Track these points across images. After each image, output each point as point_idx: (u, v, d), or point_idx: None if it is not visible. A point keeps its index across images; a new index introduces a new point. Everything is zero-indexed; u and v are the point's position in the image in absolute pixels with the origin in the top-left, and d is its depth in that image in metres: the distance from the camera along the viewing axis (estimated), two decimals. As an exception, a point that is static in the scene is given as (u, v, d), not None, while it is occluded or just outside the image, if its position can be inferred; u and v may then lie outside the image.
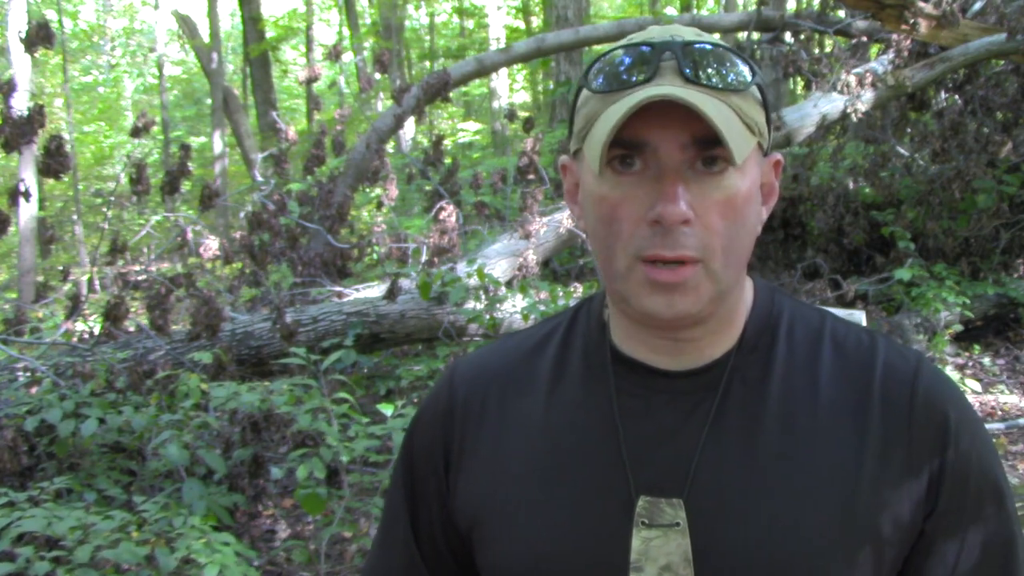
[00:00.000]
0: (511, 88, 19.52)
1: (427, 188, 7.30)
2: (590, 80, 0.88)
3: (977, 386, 5.63)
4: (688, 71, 0.84)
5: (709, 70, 0.84)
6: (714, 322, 0.92)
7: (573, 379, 0.97)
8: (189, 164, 5.06)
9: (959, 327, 6.06)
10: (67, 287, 5.71)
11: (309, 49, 17.70)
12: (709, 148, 0.83)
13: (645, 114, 0.81)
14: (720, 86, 0.84)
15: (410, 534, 1.03)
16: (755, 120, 0.86)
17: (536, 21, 18.05)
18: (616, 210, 0.86)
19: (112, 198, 6.47)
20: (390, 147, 7.99)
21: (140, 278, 5.04)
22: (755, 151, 0.87)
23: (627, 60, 0.86)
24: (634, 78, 0.85)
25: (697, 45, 0.86)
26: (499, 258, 5.78)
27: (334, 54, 7.20)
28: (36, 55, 4.76)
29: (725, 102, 0.84)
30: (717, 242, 0.84)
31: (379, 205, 6.88)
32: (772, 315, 0.96)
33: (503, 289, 5.15)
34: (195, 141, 17.85)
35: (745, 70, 0.86)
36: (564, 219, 5.81)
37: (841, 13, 7.18)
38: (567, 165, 0.98)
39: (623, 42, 0.89)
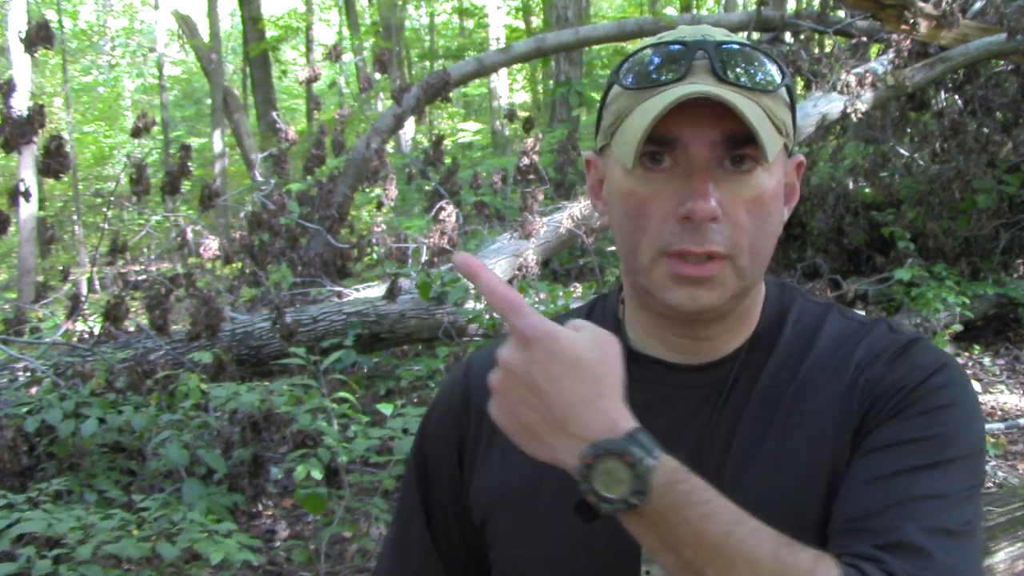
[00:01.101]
0: (511, 88, 19.51)
1: (427, 188, 7.30)
2: (621, 77, 0.90)
3: (977, 386, 5.63)
4: (720, 71, 0.85)
5: (739, 70, 0.86)
6: (732, 319, 0.94)
7: None
8: (189, 164, 5.06)
9: (959, 327, 6.05)
10: (67, 287, 5.71)
11: (309, 49, 17.69)
12: (738, 147, 0.84)
13: (677, 112, 0.83)
14: (750, 86, 0.85)
15: (426, 531, 1.04)
16: (783, 121, 0.88)
17: (536, 21, 18.04)
18: (644, 205, 0.87)
19: (112, 198, 6.46)
20: (390, 147, 7.99)
21: (140, 278, 5.04)
22: (781, 151, 0.88)
23: (656, 59, 0.88)
24: (664, 76, 0.86)
25: (728, 45, 0.87)
26: (499, 258, 5.77)
27: (334, 54, 7.21)
28: (36, 55, 4.76)
29: (756, 102, 0.85)
30: (744, 239, 0.86)
31: (379, 205, 6.87)
32: (781, 311, 0.98)
33: (503, 289, 5.15)
34: (195, 141, 17.84)
35: (774, 71, 0.87)
36: (564, 219, 5.81)
37: (841, 13, 7.17)
38: (591, 160, 0.98)
39: (653, 40, 0.90)
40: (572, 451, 0.76)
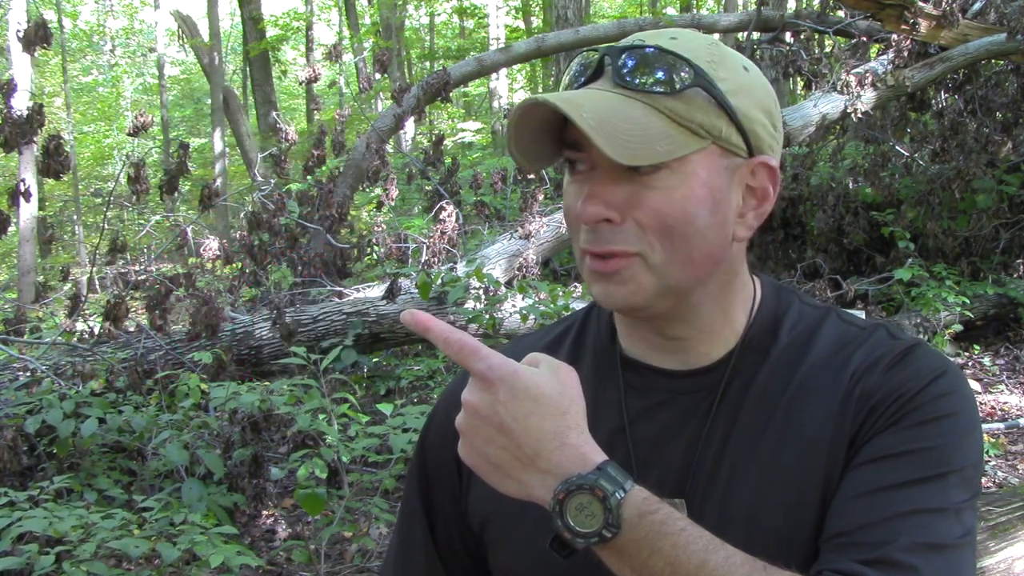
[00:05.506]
0: (511, 88, 19.52)
1: (427, 188, 7.30)
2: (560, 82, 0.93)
3: (977, 386, 5.63)
4: (616, 76, 0.86)
5: (638, 73, 0.86)
6: (697, 320, 0.93)
7: (585, 381, 0.98)
8: (188, 163, 5.05)
9: (959, 327, 6.06)
10: (67, 287, 5.71)
11: (309, 49, 17.69)
12: None
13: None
14: (645, 88, 0.85)
15: (428, 535, 1.05)
16: (698, 121, 0.85)
17: (536, 21, 18.05)
18: (567, 211, 0.90)
19: (112, 198, 6.46)
20: (390, 147, 7.99)
21: (140, 278, 5.04)
22: (707, 153, 0.86)
23: (575, 67, 0.91)
24: (579, 81, 0.89)
25: (638, 49, 0.87)
26: (499, 258, 5.78)
27: (334, 54, 7.19)
28: (35, 55, 4.76)
29: (651, 104, 0.84)
30: (655, 239, 0.86)
31: (379, 205, 6.87)
32: (776, 316, 0.96)
33: (503, 289, 5.15)
34: (195, 141, 17.85)
35: (685, 73, 0.85)
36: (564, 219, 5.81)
37: (841, 13, 7.17)
38: None
39: (592, 47, 0.92)
40: (544, 487, 0.77)
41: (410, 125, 11.38)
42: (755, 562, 0.76)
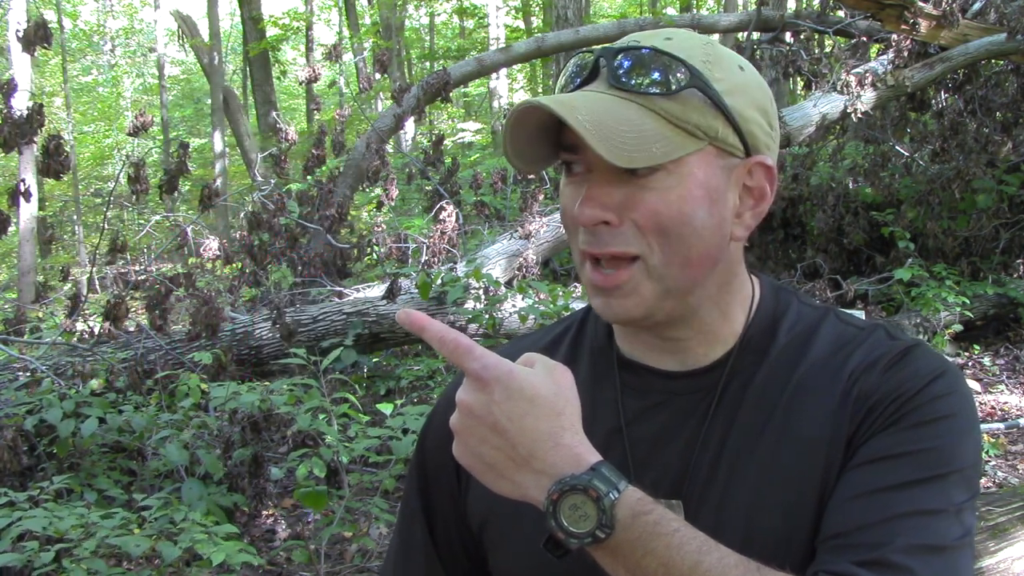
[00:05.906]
0: (511, 88, 19.52)
1: (427, 188, 7.30)
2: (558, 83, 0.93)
3: (977, 386, 5.63)
4: (611, 77, 0.86)
5: (633, 75, 0.85)
6: (695, 321, 0.92)
7: (582, 381, 0.97)
8: (188, 163, 5.05)
9: (959, 327, 6.06)
10: (67, 287, 5.71)
11: (309, 49, 17.69)
12: None
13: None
14: (640, 90, 0.85)
15: (427, 536, 1.04)
16: (694, 122, 0.85)
17: (536, 21, 18.05)
18: (565, 213, 0.90)
19: (112, 198, 6.45)
20: (390, 147, 7.99)
21: (140, 278, 5.04)
22: (704, 154, 0.86)
23: (571, 68, 0.90)
24: (574, 83, 0.89)
25: (633, 50, 0.86)
26: (499, 258, 5.78)
27: (334, 54, 7.19)
28: (35, 55, 4.76)
29: (646, 106, 0.84)
30: (653, 240, 0.85)
31: (379, 205, 6.87)
32: (775, 316, 0.96)
33: (503, 289, 5.15)
34: (195, 141, 17.85)
35: (681, 74, 0.85)
36: (564, 219, 5.81)
37: (841, 13, 7.17)
38: None
39: (588, 48, 0.92)
40: (539, 487, 0.77)
41: (410, 125, 11.38)
42: (749, 563, 0.76)
